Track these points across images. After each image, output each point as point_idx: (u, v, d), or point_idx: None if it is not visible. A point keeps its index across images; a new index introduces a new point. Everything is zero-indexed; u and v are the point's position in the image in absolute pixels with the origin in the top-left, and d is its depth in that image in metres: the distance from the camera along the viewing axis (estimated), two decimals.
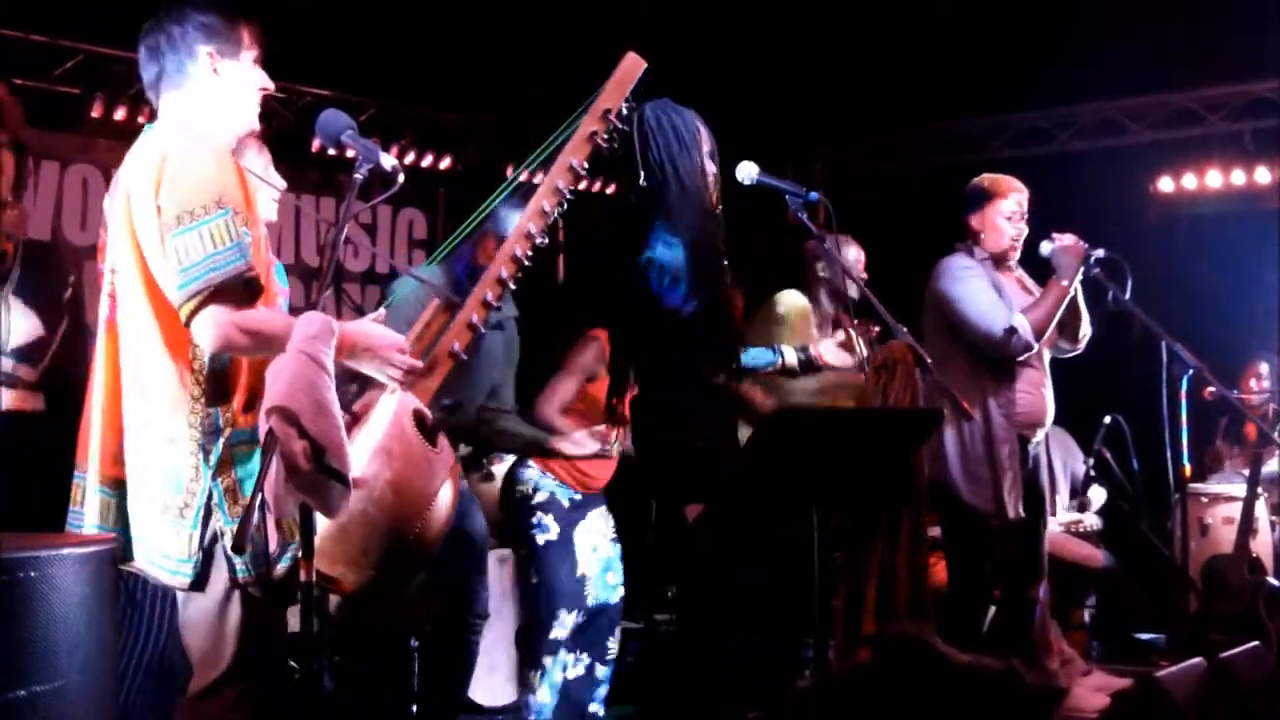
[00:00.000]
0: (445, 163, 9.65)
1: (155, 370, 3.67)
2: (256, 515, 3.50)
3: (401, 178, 3.88)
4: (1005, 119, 10.72)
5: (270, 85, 3.98)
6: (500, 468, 7.25)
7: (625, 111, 4.52)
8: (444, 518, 4.02)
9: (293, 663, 5.61)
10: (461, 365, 4.26)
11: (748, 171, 5.21)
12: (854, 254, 6.77)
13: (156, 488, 3.66)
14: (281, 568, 3.73)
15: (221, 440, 3.66)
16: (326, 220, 9.24)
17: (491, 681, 6.96)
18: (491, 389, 5.88)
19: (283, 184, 5.01)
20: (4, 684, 2.90)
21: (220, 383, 3.68)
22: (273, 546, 3.74)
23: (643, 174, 5.05)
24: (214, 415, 3.66)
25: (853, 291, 6.24)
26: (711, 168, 5.12)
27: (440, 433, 4.09)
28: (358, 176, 3.84)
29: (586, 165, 4.46)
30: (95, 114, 7.91)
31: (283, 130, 9.03)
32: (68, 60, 8.13)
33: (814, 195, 5.19)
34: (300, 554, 3.70)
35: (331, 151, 8.82)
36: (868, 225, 6.88)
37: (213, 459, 3.65)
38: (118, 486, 3.72)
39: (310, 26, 8.02)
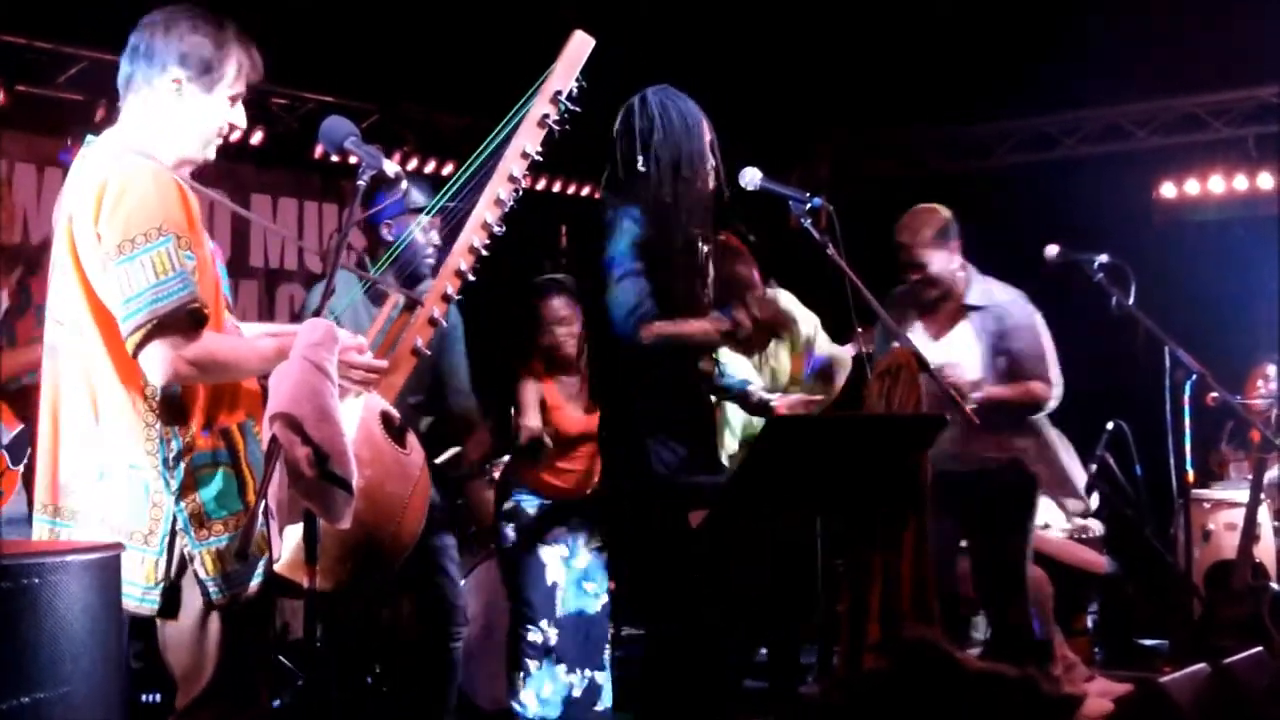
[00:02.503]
0: (448, 169, 9.66)
1: (108, 397, 3.62)
2: (260, 523, 3.51)
3: (405, 184, 3.87)
4: (1010, 124, 10.74)
5: (242, 124, 3.89)
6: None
7: (575, 92, 4.42)
8: (418, 519, 4.01)
9: (291, 666, 5.62)
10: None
11: (751, 177, 5.21)
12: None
13: (116, 516, 3.61)
14: (254, 586, 3.71)
15: (183, 464, 3.61)
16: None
17: (492, 687, 6.95)
18: (444, 373, 5.85)
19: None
20: (8, 691, 2.89)
21: (175, 407, 3.62)
22: (276, 553, 3.73)
23: (640, 160, 5.08)
24: (173, 439, 3.61)
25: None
26: (711, 158, 5.15)
27: (409, 432, 4.07)
28: (361, 183, 3.83)
29: (540, 150, 4.38)
30: (99, 119, 7.90)
31: (285, 136, 9.05)
32: (72, 66, 8.15)
33: (817, 201, 5.19)
34: (274, 567, 3.74)
35: (334, 158, 8.83)
36: (872, 229, 6.86)
37: (174, 484, 3.60)
38: (57, 515, 3.67)
39: (313, 33, 8.03)
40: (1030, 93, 9.74)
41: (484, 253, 4.29)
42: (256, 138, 8.90)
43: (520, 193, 4.35)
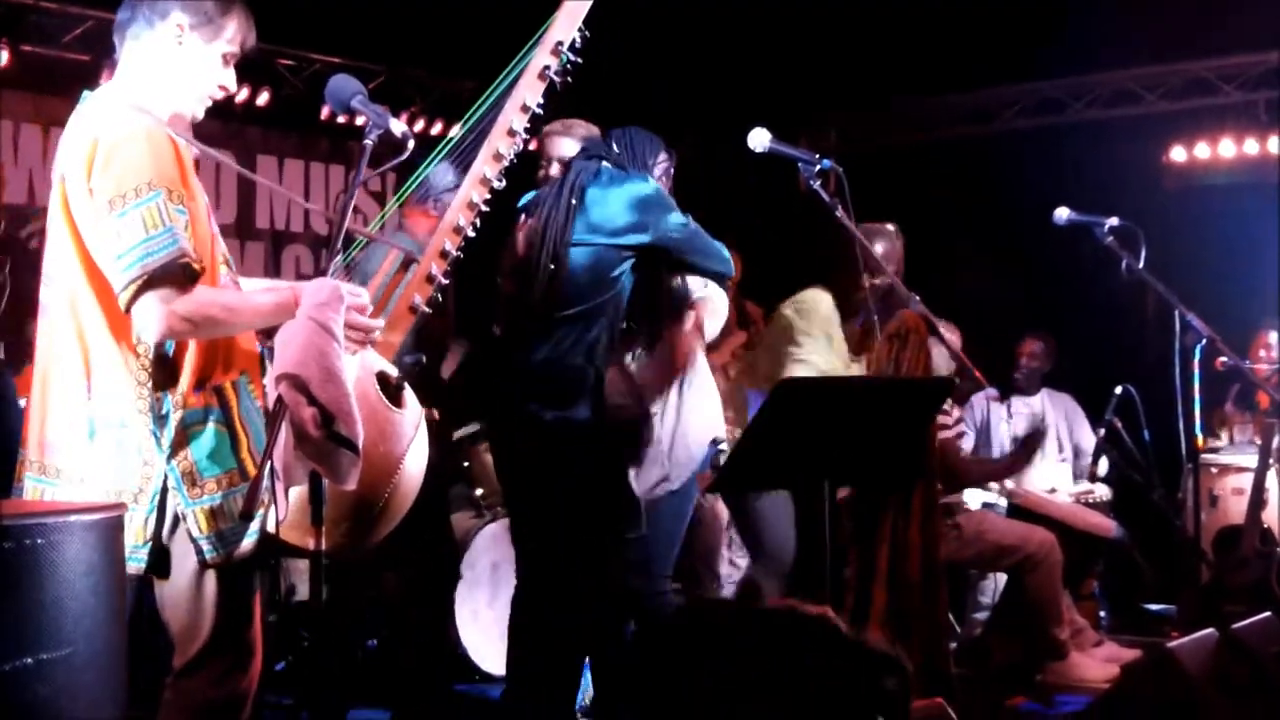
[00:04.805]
0: (456, 129, 9.63)
1: (100, 354, 3.60)
2: (266, 482, 3.49)
3: (412, 144, 3.83)
4: (1020, 88, 10.70)
5: (232, 87, 3.87)
6: None
7: (578, 43, 4.35)
8: (415, 480, 3.98)
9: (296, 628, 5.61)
10: None
11: (760, 139, 5.18)
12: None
13: (105, 474, 3.59)
14: (247, 544, 3.69)
15: (173, 422, 3.59)
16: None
17: (500, 650, 6.95)
18: None
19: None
20: (11, 651, 2.88)
21: (167, 364, 3.60)
22: (282, 514, 3.72)
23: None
24: (163, 398, 3.59)
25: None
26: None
27: (404, 392, 4.04)
28: (367, 143, 3.78)
29: (541, 103, 4.33)
30: (105, 80, 7.85)
31: (292, 98, 9.03)
32: (77, 27, 8.13)
33: (827, 163, 5.16)
34: (272, 527, 3.72)
35: (341, 119, 8.81)
36: (878, 194, 6.83)
37: (165, 442, 3.59)
38: (43, 472, 3.66)
39: None
40: (1039, 57, 9.70)
41: (484, 208, 4.25)
42: (263, 99, 8.88)
43: (521, 147, 4.31)
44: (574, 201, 5.14)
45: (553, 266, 5.10)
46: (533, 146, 8.39)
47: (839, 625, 2.43)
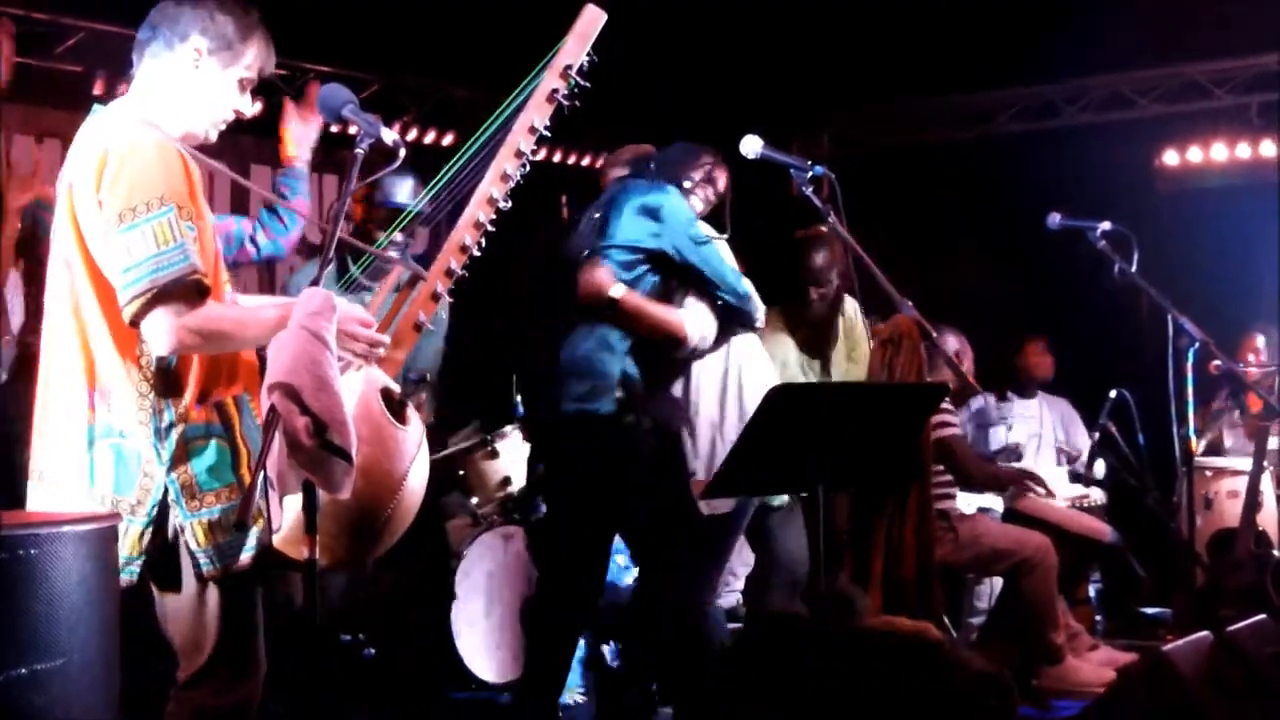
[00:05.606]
0: (449, 139, 9.64)
1: (104, 365, 3.60)
2: (259, 493, 3.49)
3: (404, 153, 3.83)
4: (1012, 92, 10.70)
5: (247, 112, 3.89)
6: (504, 444, 7.23)
7: (586, 67, 4.37)
8: (416, 497, 3.98)
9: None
10: None
11: (752, 146, 5.18)
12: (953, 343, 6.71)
13: (104, 484, 3.60)
14: (245, 558, 3.69)
15: (175, 435, 3.60)
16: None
17: (497, 658, 6.95)
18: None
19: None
20: (5, 662, 2.89)
21: (170, 377, 3.61)
22: (275, 523, 3.72)
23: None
24: (166, 410, 3.60)
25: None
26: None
27: (408, 408, 4.05)
28: (359, 152, 3.79)
29: (549, 125, 4.36)
30: (97, 91, 7.87)
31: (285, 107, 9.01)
32: (70, 38, 8.11)
33: (819, 169, 5.17)
34: (271, 538, 3.73)
35: (334, 129, 8.79)
36: (873, 197, 6.83)
37: (166, 454, 3.59)
38: (43, 480, 3.67)
39: (313, 1, 7.99)
40: (1032, 61, 9.70)
41: (489, 228, 4.27)
42: (256, 108, 8.86)
43: (527, 168, 4.33)
44: (599, 213, 5.40)
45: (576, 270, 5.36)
46: (558, 158, 8.47)
47: (939, 643, 2.41)
